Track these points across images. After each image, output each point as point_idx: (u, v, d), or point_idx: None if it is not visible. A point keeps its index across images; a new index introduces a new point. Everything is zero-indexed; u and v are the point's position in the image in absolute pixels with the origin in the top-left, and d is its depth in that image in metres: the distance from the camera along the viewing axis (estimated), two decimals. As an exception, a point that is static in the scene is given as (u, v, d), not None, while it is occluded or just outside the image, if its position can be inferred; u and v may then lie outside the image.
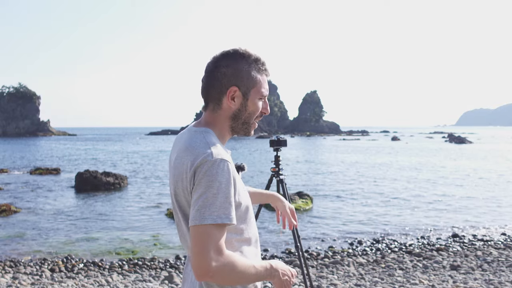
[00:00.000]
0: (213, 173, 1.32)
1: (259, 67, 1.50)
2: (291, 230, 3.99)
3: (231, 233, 1.42)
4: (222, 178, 1.33)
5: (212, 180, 1.32)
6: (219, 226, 1.31)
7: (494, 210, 12.29)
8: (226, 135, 1.54)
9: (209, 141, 1.41)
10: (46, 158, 35.14)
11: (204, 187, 1.32)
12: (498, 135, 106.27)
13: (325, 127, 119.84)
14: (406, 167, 25.53)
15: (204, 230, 1.30)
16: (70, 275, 6.58)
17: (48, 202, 14.20)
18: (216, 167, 1.33)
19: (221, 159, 1.35)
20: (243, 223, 1.46)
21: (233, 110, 1.49)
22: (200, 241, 1.30)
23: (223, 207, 1.32)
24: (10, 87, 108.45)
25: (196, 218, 1.31)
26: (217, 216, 1.30)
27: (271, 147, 4.00)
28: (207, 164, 1.33)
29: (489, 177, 20.22)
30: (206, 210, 1.31)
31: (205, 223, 1.30)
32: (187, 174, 1.37)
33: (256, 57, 1.50)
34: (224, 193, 1.32)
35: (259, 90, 1.49)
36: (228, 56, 1.48)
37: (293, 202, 12.04)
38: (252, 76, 1.48)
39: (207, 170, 1.33)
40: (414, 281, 5.75)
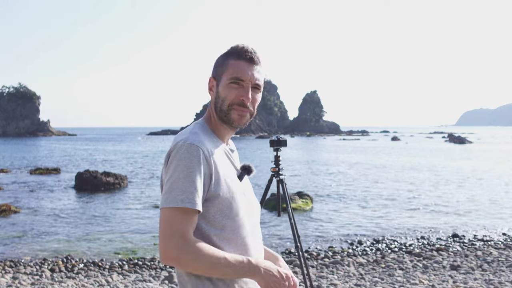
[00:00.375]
0: (181, 157, 1.33)
1: (236, 53, 1.47)
2: (291, 230, 4.00)
3: (210, 227, 1.37)
4: (190, 162, 1.32)
5: (179, 164, 1.32)
6: (184, 211, 1.30)
7: (494, 210, 12.29)
8: (219, 127, 1.51)
9: (193, 130, 1.43)
10: (46, 158, 35.14)
11: (172, 170, 1.33)
12: (498, 135, 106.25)
13: (325, 127, 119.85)
14: (406, 167, 25.53)
15: (169, 213, 1.30)
16: (70, 275, 6.58)
17: (48, 202, 14.20)
18: (185, 151, 1.33)
19: (191, 144, 1.34)
20: (225, 218, 1.39)
21: (213, 100, 1.50)
22: (164, 224, 1.30)
23: (187, 191, 1.30)
24: (10, 87, 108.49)
25: (162, 201, 1.32)
26: (180, 200, 1.29)
27: (271, 147, 4.00)
28: (177, 148, 1.35)
29: (489, 177, 20.21)
30: (170, 194, 1.30)
31: (168, 206, 1.30)
32: (165, 157, 1.40)
33: (238, 46, 1.48)
34: (189, 177, 1.31)
35: (230, 73, 1.45)
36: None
37: (293, 202, 12.03)
38: (225, 62, 1.47)
39: (176, 154, 1.34)
40: (414, 281, 5.75)
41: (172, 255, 1.28)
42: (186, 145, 1.34)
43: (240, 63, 1.45)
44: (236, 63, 1.45)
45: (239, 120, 1.46)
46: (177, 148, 1.35)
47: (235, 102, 1.45)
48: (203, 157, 1.35)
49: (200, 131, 1.44)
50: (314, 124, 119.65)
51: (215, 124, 1.51)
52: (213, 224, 1.38)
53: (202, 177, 1.33)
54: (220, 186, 1.38)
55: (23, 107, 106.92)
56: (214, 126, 1.51)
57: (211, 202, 1.37)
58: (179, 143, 1.36)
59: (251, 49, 1.47)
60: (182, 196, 1.29)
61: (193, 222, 1.32)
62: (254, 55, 1.47)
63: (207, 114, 1.53)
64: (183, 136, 1.39)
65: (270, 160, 4.08)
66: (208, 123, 1.52)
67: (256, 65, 1.48)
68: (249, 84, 1.46)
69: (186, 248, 1.28)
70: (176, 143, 1.37)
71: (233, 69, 1.45)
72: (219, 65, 1.49)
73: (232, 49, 1.48)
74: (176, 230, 1.29)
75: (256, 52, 1.48)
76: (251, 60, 1.46)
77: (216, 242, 1.37)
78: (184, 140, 1.36)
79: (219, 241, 1.38)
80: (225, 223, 1.39)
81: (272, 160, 4.02)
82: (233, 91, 1.45)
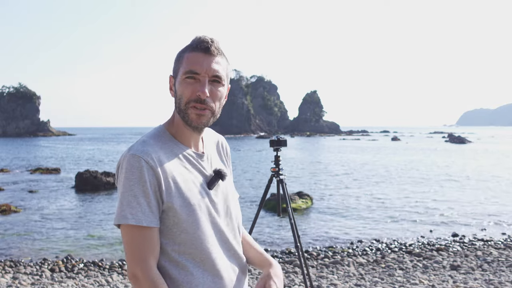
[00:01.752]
0: (123, 171, 1.24)
1: (192, 45, 1.32)
2: (291, 230, 4.00)
3: (168, 240, 1.26)
4: (131, 175, 1.22)
5: (121, 178, 1.24)
6: (136, 229, 1.21)
7: (494, 210, 12.28)
8: (183, 130, 1.36)
9: (141, 138, 1.32)
10: (46, 158, 35.14)
11: (118, 184, 1.26)
12: (498, 135, 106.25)
13: (325, 127, 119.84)
14: (406, 167, 25.52)
15: (123, 231, 1.24)
16: (70, 275, 6.58)
17: (48, 202, 14.21)
18: (126, 163, 1.23)
19: (132, 155, 1.23)
20: (183, 232, 1.26)
21: (174, 99, 1.35)
22: (124, 243, 1.24)
23: (129, 206, 1.21)
24: (10, 87, 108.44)
25: (115, 218, 1.25)
26: (122, 216, 1.21)
27: (271, 147, 4.00)
28: (121, 161, 1.27)
29: (489, 177, 20.21)
30: (116, 210, 1.24)
31: (117, 223, 1.24)
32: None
33: (195, 38, 1.33)
34: (131, 191, 1.21)
35: (184, 67, 1.30)
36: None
37: (293, 202, 12.03)
38: (180, 56, 1.33)
39: (118, 166, 1.27)
40: (414, 281, 5.75)
41: (130, 276, 1.23)
42: (128, 156, 1.24)
43: (195, 54, 1.30)
44: (190, 55, 1.30)
45: (197, 119, 1.30)
46: (120, 160, 1.27)
47: (191, 99, 1.29)
48: (146, 167, 1.22)
49: (151, 138, 1.31)
50: (314, 124, 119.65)
51: (178, 127, 1.36)
52: (171, 238, 1.26)
53: (147, 189, 1.22)
54: (172, 196, 1.25)
55: (23, 107, 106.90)
56: (177, 129, 1.36)
57: (165, 213, 1.25)
58: (123, 155, 1.27)
59: (208, 39, 1.31)
60: (124, 212, 1.21)
61: (150, 239, 1.22)
62: (211, 44, 1.31)
63: (171, 117, 1.39)
64: (130, 146, 1.29)
65: (270, 160, 4.08)
66: (169, 127, 1.37)
67: (214, 56, 1.31)
68: (206, 77, 1.29)
69: (141, 278, 1.21)
70: (123, 155, 1.27)
71: (187, 62, 1.30)
72: (176, 60, 1.35)
73: (192, 41, 1.33)
74: (135, 252, 1.21)
75: (214, 41, 1.32)
76: (207, 50, 1.30)
77: (175, 257, 1.26)
78: (127, 151, 1.26)
79: (178, 256, 1.26)
80: (184, 237, 1.26)
81: (272, 160, 4.02)
82: (188, 86, 1.29)
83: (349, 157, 35.09)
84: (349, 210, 12.47)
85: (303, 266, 3.96)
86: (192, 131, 1.35)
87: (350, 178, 20.53)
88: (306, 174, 22.59)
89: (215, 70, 1.31)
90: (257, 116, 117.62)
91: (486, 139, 74.26)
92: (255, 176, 21.67)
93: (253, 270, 6.17)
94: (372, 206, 13.09)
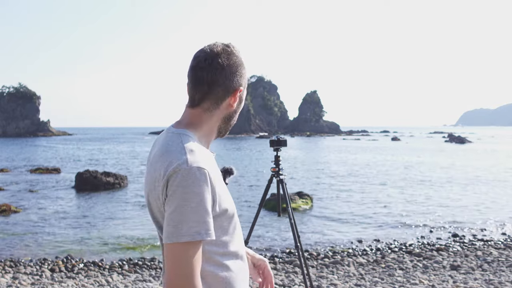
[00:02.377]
0: (189, 184, 1.18)
1: (245, 67, 1.41)
2: (291, 230, 4.00)
3: (211, 246, 1.28)
4: (199, 189, 1.18)
5: (187, 191, 1.18)
6: (197, 243, 1.20)
7: (494, 210, 12.28)
8: (212, 136, 1.40)
9: (187, 146, 1.25)
10: (46, 158, 35.14)
11: (179, 199, 1.18)
12: (498, 135, 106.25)
13: (325, 127, 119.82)
14: (406, 167, 25.52)
15: (181, 248, 1.18)
16: (70, 275, 6.58)
17: (48, 202, 14.20)
18: (192, 177, 1.18)
19: (198, 167, 1.20)
20: (226, 234, 1.31)
21: (231, 111, 1.38)
22: (175, 260, 1.18)
23: (202, 221, 1.18)
24: (10, 87, 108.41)
25: (173, 235, 1.18)
26: (195, 232, 1.18)
27: (271, 147, 4.00)
28: (182, 173, 1.19)
29: (489, 177, 20.22)
30: (183, 226, 1.17)
31: (182, 241, 1.17)
32: (159, 182, 1.23)
33: (242, 59, 1.40)
34: (202, 205, 1.18)
35: (245, 86, 1.41)
36: (232, 53, 1.35)
37: (293, 202, 12.03)
38: (244, 74, 1.39)
39: (181, 180, 1.18)
40: (414, 281, 5.75)
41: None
42: (193, 169, 1.19)
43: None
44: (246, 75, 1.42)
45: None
46: (181, 172, 1.19)
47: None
48: (209, 180, 1.21)
49: (194, 146, 1.27)
50: (314, 124, 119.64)
51: (206, 134, 1.37)
52: (215, 243, 1.29)
53: (211, 202, 1.22)
54: (224, 201, 1.29)
55: (23, 107, 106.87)
56: (203, 135, 1.37)
57: (215, 221, 1.27)
58: (181, 166, 1.20)
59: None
60: (198, 227, 1.18)
61: (201, 252, 1.23)
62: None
63: (199, 121, 1.36)
64: (180, 155, 1.22)
65: (270, 160, 4.08)
66: (196, 132, 1.35)
67: None
68: None
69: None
70: (176, 166, 1.20)
71: (246, 84, 1.42)
72: (240, 75, 1.37)
73: (239, 58, 1.37)
74: (189, 267, 1.18)
75: None
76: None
77: (219, 260, 1.30)
78: (186, 162, 1.20)
79: (222, 259, 1.30)
80: (225, 239, 1.31)
81: (272, 160, 4.02)
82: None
83: (349, 157, 35.09)
84: (349, 210, 12.47)
85: (303, 266, 3.96)
86: (217, 136, 1.43)
87: (350, 178, 20.53)
88: (306, 174, 22.59)
89: None
90: (257, 116, 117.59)
91: (486, 139, 74.27)
92: (255, 176, 21.67)
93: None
94: (372, 206, 13.08)
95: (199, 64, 1.33)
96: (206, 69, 1.32)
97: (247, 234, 4.23)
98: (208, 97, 1.33)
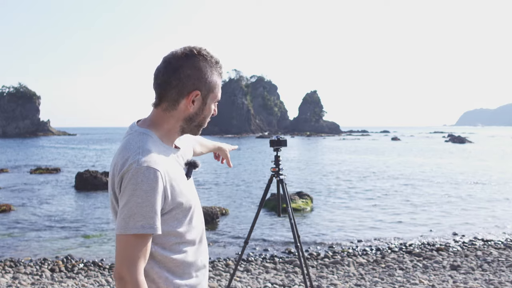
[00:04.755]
0: (138, 181, 1.29)
1: (218, 71, 1.46)
2: (291, 230, 4.00)
3: (169, 236, 1.41)
4: (148, 187, 1.29)
5: (136, 189, 1.29)
6: (142, 236, 1.31)
7: (494, 210, 12.28)
8: (174, 135, 1.48)
9: (143, 146, 1.35)
10: (46, 158, 35.14)
11: (129, 195, 1.29)
12: (498, 135, 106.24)
13: (325, 127, 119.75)
14: (405, 167, 25.52)
15: (127, 239, 1.30)
16: (70, 275, 6.58)
17: (48, 201, 14.21)
18: (141, 175, 1.29)
19: (147, 167, 1.30)
20: (181, 226, 1.43)
21: (190, 113, 1.44)
22: (121, 249, 1.31)
23: (148, 216, 1.29)
24: (10, 87, 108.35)
25: (121, 227, 1.31)
26: (141, 227, 1.29)
27: (271, 147, 4.00)
28: (132, 172, 1.29)
29: (489, 177, 20.21)
30: (130, 220, 1.29)
31: (129, 233, 1.30)
32: (115, 178, 1.35)
33: (216, 60, 1.45)
34: (149, 202, 1.29)
35: (216, 95, 1.47)
36: (192, 56, 1.41)
37: (293, 202, 12.03)
38: (213, 81, 1.44)
39: (131, 178, 1.29)
40: (414, 281, 5.75)
41: (122, 277, 1.30)
42: (143, 168, 1.29)
43: (220, 83, 1.49)
44: (219, 83, 1.48)
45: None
46: (131, 171, 1.30)
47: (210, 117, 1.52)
48: (160, 179, 1.31)
49: (151, 146, 1.37)
50: (314, 124, 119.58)
51: (168, 132, 1.46)
52: (174, 234, 1.41)
53: (160, 199, 1.32)
54: (178, 198, 1.39)
55: (23, 107, 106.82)
56: (165, 133, 1.46)
57: (168, 214, 1.39)
58: (132, 165, 1.30)
59: (223, 67, 1.51)
60: (143, 222, 1.29)
61: (149, 245, 1.34)
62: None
63: (160, 120, 1.45)
64: (135, 154, 1.32)
65: (270, 160, 4.08)
66: (157, 131, 1.44)
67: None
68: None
69: (135, 279, 1.30)
70: (130, 165, 1.30)
71: (218, 91, 1.48)
72: (207, 81, 1.43)
73: (215, 63, 1.45)
74: (133, 257, 1.30)
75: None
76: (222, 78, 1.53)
77: (178, 248, 1.43)
78: (138, 162, 1.30)
79: (180, 247, 1.44)
80: (182, 230, 1.43)
81: (272, 160, 4.02)
82: (212, 108, 1.49)
83: (349, 157, 35.09)
84: (349, 210, 12.47)
85: (303, 266, 3.96)
86: (180, 136, 1.51)
87: (350, 178, 20.52)
88: (306, 174, 22.59)
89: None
90: (257, 116, 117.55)
91: (486, 139, 74.26)
92: (255, 176, 21.67)
93: (253, 269, 6.15)
94: (372, 206, 13.08)
95: (158, 66, 1.44)
96: (161, 71, 1.42)
97: (247, 234, 4.23)
98: (164, 98, 1.42)
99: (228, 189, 17.02)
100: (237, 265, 4.34)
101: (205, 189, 17.04)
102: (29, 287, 5.86)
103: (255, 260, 7.39)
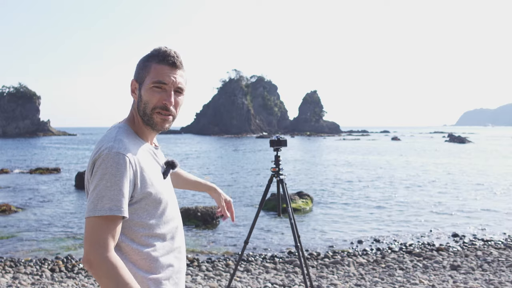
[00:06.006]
0: (107, 166, 1.35)
1: (159, 57, 1.48)
2: (291, 230, 4.00)
3: (138, 227, 1.43)
4: (116, 171, 1.35)
5: (105, 173, 1.35)
6: (110, 218, 1.34)
7: (494, 209, 12.28)
8: (143, 129, 1.53)
9: (117, 136, 1.43)
10: (46, 158, 35.15)
11: (98, 179, 1.35)
12: (498, 135, 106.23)
13: (325, 127, 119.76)
14: (406, 167, 25.52)
15: (95, 221, 1.33)
16: (70, 275, 6.58)
17: (48, 201, 14.21)
18: (111, 160, 1.35)
19: (117, 153, 1.36)
20: (152, 218, 1.46)
21: (135, 102, 1.53)
22: (90, 231, 1.33)
23: (115, 199, 1.34)
24: (10, 87, 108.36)
25: (90, 210, 1.34)
26: (108, 209, 1.33)
27: (271, 147, 4.00)
28: (103, 157, 1.36)
29: (489, 177, 20.21)
30: (98, 202, 1.33)
31: (97, 215, 1.33)
32: (89, 165, 1.43)
33: (160, 50, 1.49)
34: (116, 186, 1.34)
35: (152, 77, 1.47)
36: (151, 51, 1.53)
37: (293, 202, 12.03)
38: (147, 65, 1.49)
39: (101, 163, 1.36)
40: (414, 281, 5.75)
41: (90, 262, 1.31)
42: (112, 153, 1.36)
43: (162, 67, 1.47)
44: (158, 67, 1.47)
45: (161, 123, 1.50)
46: (102, 157, 1.37)
47: (158, 106, 1.47)
48: (129, 165, 1.37)
49: (124, 137, 1.45)
50: (314, 124, 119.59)
51: (139, 126, 1.53)
52: (141, 225, 1.44)
53: (128, 184, 1.37)
54: (147, 188, 1.43)
55: (23, 107, 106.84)
56: (138, 127, 1.53)
57: (138, 204, 1.42)
58: (103, 151, 1.37)
59: (173, 53, 1.49)
60: (110, 204, 1.33)
61: (118, 228, 1.36)
62: (177, 59, 1.50)
63: (130, 116, 1.56)
64: (108, 144, 1.40)
65: (270, 160, 4.08)
66: (132, 125, 1.54)
67: (179, 69, 1.51)
68: (172, 88, 1.48)
69: (104, 260, 1.31)
70: (101, 152, 1.38)
71: (156, 73, 1.47)
72: (141, 68, 1.51)
73: (155, 51, 1.50)
74: (101, 238, 1.32)
75: (179, 56, 1.51)
76: (174, 65, 1.49)
77: (145, 241, 1.45)
78: (109, 148, 1.37)
79: (148, 240, 1.45)
80: (152, 222, 1.46)
81: (272, 160, 4.02)
82: (156, 94, 1.47)
83: (349, 157, 35.09)
84: (349, 210, 12.47)
85: (303, 266, 3.96)
86: (152, 131, 1.54)
87: (350, 178, 20.53)
88: (306, 174, 22.59)
89: (179, 82, 1.51)
90: (257, 116, 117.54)
91: (486, 139, 74.25)
92: (255, 176, 21.67)
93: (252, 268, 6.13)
94: (372, 206, 13.08)
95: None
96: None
97: (247, 234, 4.23)
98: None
99: (228, 189, 17.01)
100: (237, 265, 4.34)
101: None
102: (29, 287, 5.86)
103: (255, 260, 7.39)
